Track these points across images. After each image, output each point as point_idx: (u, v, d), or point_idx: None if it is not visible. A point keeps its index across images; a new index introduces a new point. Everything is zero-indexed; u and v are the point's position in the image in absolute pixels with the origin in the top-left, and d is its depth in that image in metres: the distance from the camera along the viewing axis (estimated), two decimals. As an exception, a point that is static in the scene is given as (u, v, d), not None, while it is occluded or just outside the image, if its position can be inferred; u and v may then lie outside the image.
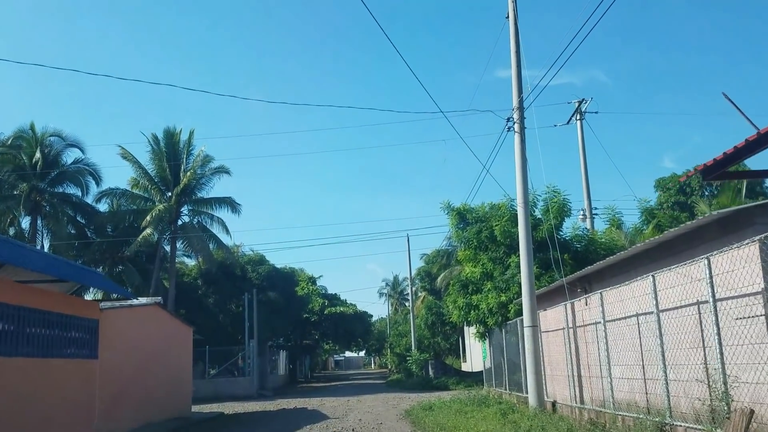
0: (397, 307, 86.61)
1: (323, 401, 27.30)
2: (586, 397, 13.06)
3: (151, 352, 18.40)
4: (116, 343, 15.86)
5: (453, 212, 19.84)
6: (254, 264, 40.66)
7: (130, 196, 35.67)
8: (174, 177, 35.60)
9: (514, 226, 18.46)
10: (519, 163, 14.49)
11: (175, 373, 20.85)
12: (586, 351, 13.14)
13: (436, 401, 20.26)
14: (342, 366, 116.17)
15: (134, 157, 35.29)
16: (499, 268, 18.87)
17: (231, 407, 26.23)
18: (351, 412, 20.93)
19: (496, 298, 18.39)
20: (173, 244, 35.84)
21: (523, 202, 14.36)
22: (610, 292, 11.38)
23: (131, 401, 16.95)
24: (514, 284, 17.82)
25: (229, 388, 34.05)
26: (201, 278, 39.26)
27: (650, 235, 19.44)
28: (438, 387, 33.52)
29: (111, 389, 15.51)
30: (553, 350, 14.98)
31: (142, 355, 17.80)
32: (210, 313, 39.12)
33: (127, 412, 16.60)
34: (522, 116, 14.57)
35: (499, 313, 18.46)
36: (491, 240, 19.07)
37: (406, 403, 23.88)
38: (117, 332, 15.94)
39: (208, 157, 36.56)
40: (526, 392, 16.83)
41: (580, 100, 25.06)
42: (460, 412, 16.03)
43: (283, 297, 40.25)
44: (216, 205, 36.43)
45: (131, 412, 16.93)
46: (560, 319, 14.60)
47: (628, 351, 11.15)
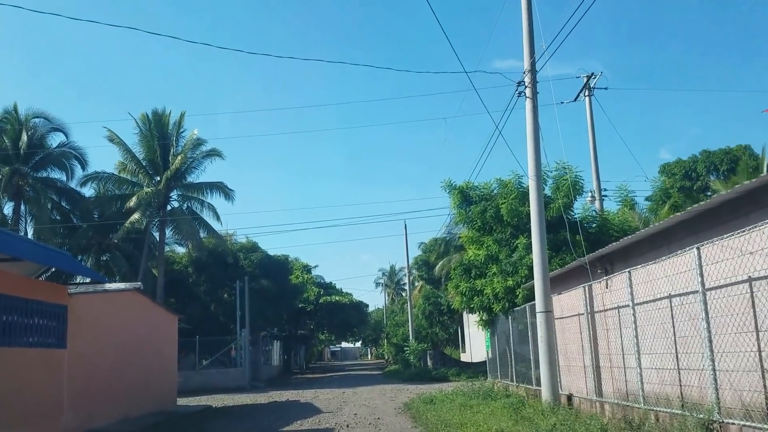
0: (393, 297, 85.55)
1: (317, 393, 26.01)
2: (607, 389, 11.75)
3: (129, 341, 17.03)
4: (88, 331, 14.48)
5: (455, 191, 18.43)
6: (246, 251, 39.24)
7: (116, 180, 34.19)
8: (163, 160, 34.13)
9: (523, 204, 17.12)
10: (531, 132, 13.12)
11: (158, 363, 19.50)
12: (606, 339, 11.82)
13: (437, 394, 18.97)
14: (338, 357, 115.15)
15: (121, 139, 33.85)
16: (506, 250, 17.51)
17: (220, 400, 24.93)
18: (346, 405, 19.63)
19: (502, 283, 17.04)
20: (162, 231, 34.41)
21: (535, 175, 12.99)
22: (638, 271, 10.04)
23: (107, 394, 15.59)
24: (522, 267, 16.48)
25: (220, 379, 32.73)
26: (191, 266, 37.85)
27: (666, 215, 18.13)
28: (437, 378, 32.26)
29: (82, 381, 14.15)
30: (568, 338, 13.67)
31: (119, 344, 16.42)
32: (201, 302, 37.77)
33: (101, 406, 15.24)
34: (534, 79, 13.18)
35: (505, 298, 17.12)
36: (497, 220, 17.69)
37: (404, 396, 22.59)
38: (89, 319, 14.56)
39: (200, 140, 35.13)
40: (536, 384, 15.53)
41: (588, 75, 23.62)
42: (465, 406, 14.72)
43: (276, 285, 38.86)
44: (207, 191, 34.98)
45: (107, 406, 15.57)
46: (576, 305, 13.28)
47: (657, 338, 9.82)
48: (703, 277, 7.89)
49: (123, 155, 34.16)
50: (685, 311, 8.97)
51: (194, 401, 24.58)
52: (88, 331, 14.48)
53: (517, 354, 17.65)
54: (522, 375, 17.19)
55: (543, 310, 12.84)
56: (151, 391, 18.68)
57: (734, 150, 39.37)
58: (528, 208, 16.93)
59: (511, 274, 16.89)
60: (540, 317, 12.88)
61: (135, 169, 34.02)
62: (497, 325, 19.91)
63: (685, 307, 8.99)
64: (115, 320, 16.32)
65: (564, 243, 16.51)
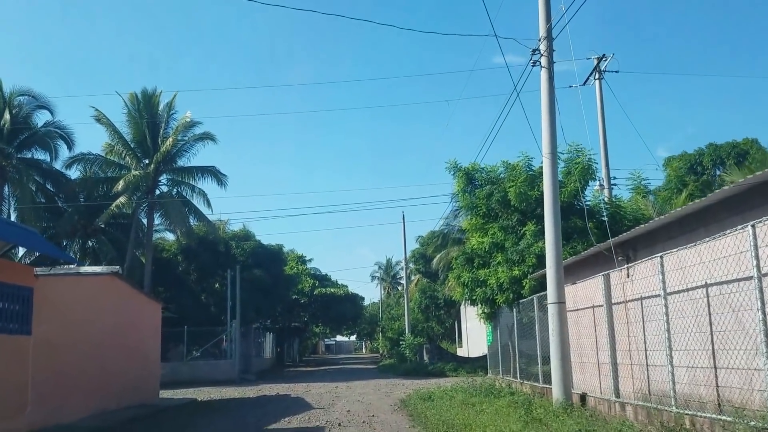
0: (389, 291, 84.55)
1: (309, 387, 24.86)
2: (626, 389, 10.61)
3: (107, 329, 15.81)
4: (58, 317, 13.27)
5: (460, 172, 17.21)
6: (239, 240, 37.97)
7: (103, 162, 32.84)
8: (153, 143, 32.81)
9: (532, 188, 15.96)
10: (546, 105, 11.92)
11: (138, 354, 18.30)
12: (627, 333, 10.67)
13: (435, 390, 17.81)
14: (333, 350, 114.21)
15: (109, 119, 32.49)
16: (512, 238, 16.33)
17: (207, 393, 23.77)
18: (339, 400, 18.48)
19: (507, 273, 15.88)
20: (150, 216, 33.13)
21: (550, 152, 11.80)
22: (669, 257, 8.88)
23: (80, 386, 14.39)
24: (530, 255, 15.30)
25: (209, 371, 31.52)
26: (181, 254, 36.55)
27: (683, 203, 16.99)
28: (434, 373, 31.14)
29: (51, 371, 12.95)
30: (582, 332, 12.53)
31: (94, 332, 15.21)
32: (191, 292, 36.52)
33: (73, 398, 14.05)
34: (550, 47, 11.98)
35: (510, 289, 15.96)
36: (504, 205, 16.50)
37: (400, 391, 21.45)
38: (59, 304, 13.35)
39: (192, 122, 33.77)
40: (543, 382, 14.40)
41: (599, 57, 22.40)
42: (466, 404, 13.56)
43: (269, 276, 37.64)
44: (198, 175, 33.66)
45: (80, 399, 14.37)
46: (591, 296, 12.13)
47: (688, 333, 8.67)
48: (758, 260, 6.72)
49: (110, 136, 32.84)
50: (726, 302, 7.82)
51: (180, 394, 23.42)
52: (58, 317, 13.27)
53: (522, 349, 16.51)
54: (527, 371, 16.05)
55: (555, 301, 11.68)
56: (130, 383, 17.48)
57: (741, 143, 38.36)
58: (537, 192, 15.81)
59: (517, 264, 15.72)
60: (552, 309, 11.72)
61: (123, 151, 32.68)
62: (500, 318, 18.76)
63: (726, 298, 7.84)
64: (90, 306, 15.09)
65: (575, 231, 15.38)
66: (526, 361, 16.14)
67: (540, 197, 15.89)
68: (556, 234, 11.77)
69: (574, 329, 12.62)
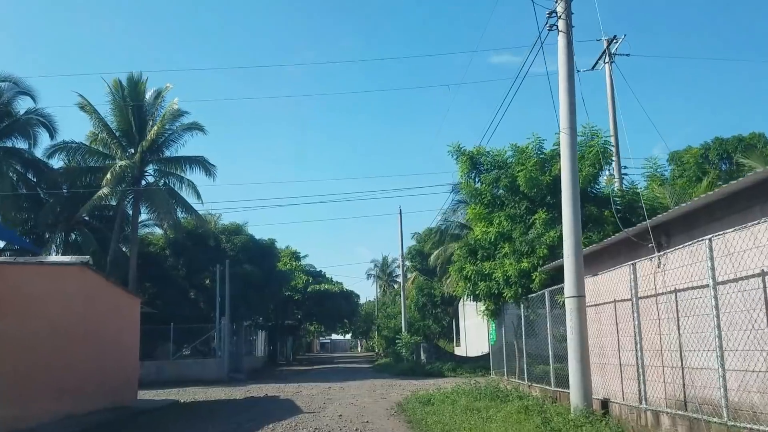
0: (385, 289, 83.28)
1: (300, 388, 23.50)
2: (655, 395, 9.29)
3: (75, 324, 14.36)
4: (17, 310, 11.90)
5: (464, 156, 15.82)
6: (229, 234, 36.52)
7: (86, 151, 31.35)
8: (139, 132, 31.35)
9: (543, 172, 14.60)
10: (564, 74, 10.57)
11: (114, 352, 16.89)
12: (658, 331, 9.34)
13: (434, 392, 16.47)
14: (328, 349, 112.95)
15: (93, 106, 30.96)
16: (520, 227, 14.95)
17: (192, 393, 22.39)
18: (330, 403, 17.11)
19: (515, 265, 14.51)
20: (136, 208, 31.69)
21: (569, 126, 10.44)
22: (717, 240, 7.54)
23: (45, 387, 12.99)
24: (540, 246, 13.94)
25: (197, 370, 30.12)
26: (169, 248, 35.09)
27: (705, 190, 15.67)
28: (431, 373, 29.82)
29: (9, 371, 11.59)
30: (603, 330, 11.21)
31: (61, 327, 13.77)
32: (179, 288, 35.02)
33: (38, 401, 12.65)
34: (569, 9, 10.62)
35: (518, 283, 14.60)
36: (512, 191, 15.13)
37: (396, 393, 20.12)
38: (18, 296, 11.98)
39: (180, 111, 32.31)
40: (556, 385, 13.06)
41: (609, 39, 21.04)
42: (471, 409, 12.21)
43: (261, 271, 36.20)
44: (186, 165, 32.21)
45: (45, 401, 12.96)
46: (613, 289, 10.80)
47: (738, 330, 7.35)
48: None
49: (95, 125, 31.35)
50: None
51: (163, 395, 22.04)
52: (16, 310, 11.90)
53: (530, 349, 15.17)
54: (535, 373, 14.71)
55: (574, 295, 10.33)
56: (105, 383, 16.08)
57: (747, 138, 37.25)
58: (549, 177, 14.48)
59: (526, 255, 14.36)
60: (570, 304, 10.36)
61: (107, 139, 31.22)
62: (505, 314, 17.42)
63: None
64: (56, 298, 13.66)
65: (590, 219, 14.04)
66: (534, 362, 14.81)
67: (552, 183, 14.56)
68: (575, 218, 10.42)
69: (593, 327, 11.27)
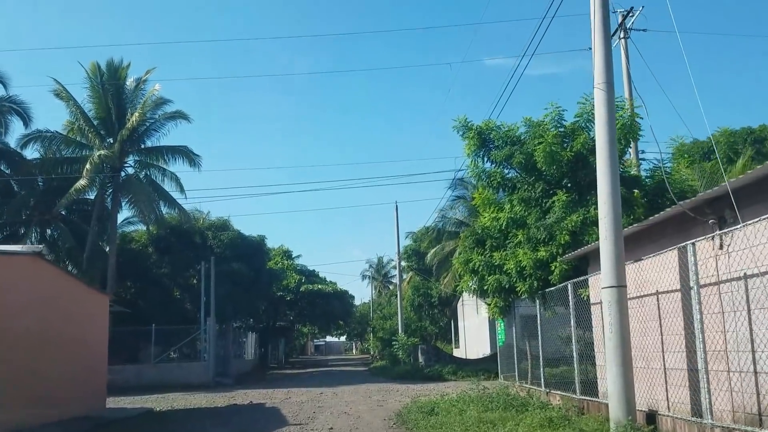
0: (381, 290, 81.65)
1: (290, 394, 21.62)
2: (719, 406, 7.51)
3: (24, 322, 12.48)
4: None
5: (471, 132, 13.95)
6: (216, 230, 34.56)
7: (63, 140, 29.39)
8: (118, 120, 29.40)
9: (564, 147, 12.78)
10: (599, 22, 8.78)
11: (78, 355, 14.96)
12: (721, 328, 7.56)
13: (437, 399, 14.60)
14: (322, 351, 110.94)
15: (69, 93, 29.01)
16: (536, 212, 13.12)
17: (171, 400, 20.50)
18: (321, 412, 15.25)
19: (530, 255, 12.66)
20: (115, 201, 29.71)
21: (605, 81, 8.63)
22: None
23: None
24: (561, 232, 12.11)
25: (180, 374, 28.17)
26: (152, 245, 33.12)
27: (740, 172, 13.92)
28: (431, 377, 27.94)
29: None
30: (646, 328, 9.40)
31: (6, 328, 11.90)
32: (163, 287, 33.12)
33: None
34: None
35: (534, 275, 12.76)
36: (527, 169, 13.29)
37: (394, 399, 18.28)
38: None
39: (162, 99, 30.40)
40: (582, 393, 11.24)
41: (625, 12, 19.29)
42: (484, 422, 10.38)
43: (250, 269, 34.27)
44: (169, 156, 30.28)
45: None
46: (656, 277, 9.00)
47: None
48: None
49: (71, 113, 29.38)
50: None
51: (139, 402, 20.19)
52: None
53: (549, 350, 13.36)
54: (556, 378, 12.90)
55: (613, 285, 8.50)
56: (66, 391, 14.18)
57: (757, 130, 35.64)
58: (571, 152, 12.67)
59: (544, 243, 12.52)
60: (608, 296, 8.53)
61: (85, 128, 29.26)
62: (517, 312, 15.60)
63: None
64: (1, 293, 11.78)
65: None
66: (555, 366, 13.00)
67: (574, 159, 12.78)
68: (613, 190, 8.61)
69: (633, 324, 9.47)
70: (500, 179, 14.20)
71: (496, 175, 14.18)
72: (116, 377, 27.40)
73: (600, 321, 11.49)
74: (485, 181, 14.47)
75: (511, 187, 14.20)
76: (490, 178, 14.27)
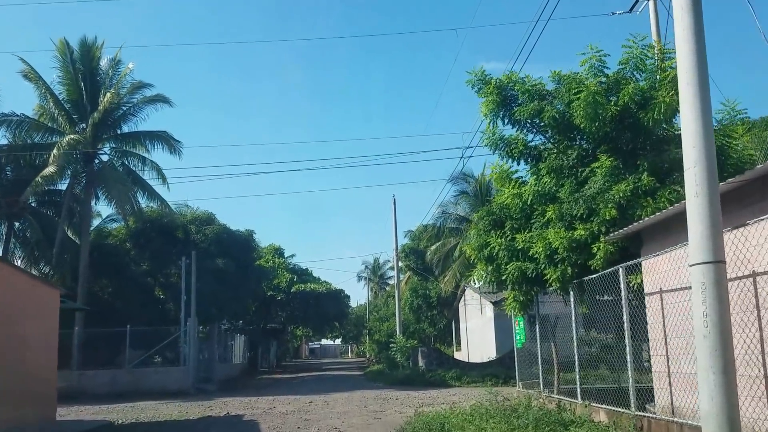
0: (377, 292, 79.43)
1: (275, 403, 19.15)
2: None
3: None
4: None
5: (489, 87, 11.47)
6: (200, 223, 32.02)
7: (31, 125, 26.89)
8: (91, 103, 26.95)
9: (608, 99, 10.38)
10: None
11: (18, 359, 12.49)
12: None
13: (447, 412, 12.14)
14: (317, 354, 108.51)
15: (38, 73, 26.54)
16: (569, 182, 10.71)
17: (140, 410, 17.99)
18: (307, 427, 12.77)
19: (564, 234, 10.22)
20: (88, 191, 27.22)
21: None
22: None
23: None
24: (607, 205, 9.67)
25: (158, 380, 25.63)
26: (131, 240, 30.58)
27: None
28: (433, 383, 25.48)
29: None
30: (739, 321, 7.01)
31: None
32: (142, 286, 30.58)
33: None
34: None
35: (568, 260, 10.32)
36: (561, 129, 10.86)
37: (394, 409, 15.83)
38: None
39: (141, 83, 27.99)
40: (638, 409, 8.84)
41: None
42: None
43: (237, 266, 31.74)
44: (147, 142, 27.83)
45: None
46: (761, 254, 6.63)
47: None
48: None
49: (41, 96, 26.94)
50: None
51: (104, 412, 17.77)
52: None
53: (585, 353, 10.94)
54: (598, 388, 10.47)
55: (708, 260, 6.04)
56: (3, 401, 11.72)
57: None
58: (615, 107, 10.26)
59: (583, 219, 10.09)
60: (701, 275, 6.07)
61: (55, 112, 26.80)
62: (539, 307, 13.17)
63: None
64: None
65: (677, 165, 9.84)
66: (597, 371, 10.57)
67: (619, 115, 10.37)
68: (705, 128, 6.15)
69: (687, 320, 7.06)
70: (522, 147, 11.80)
71: (518, 143, 11.76)
72: (87, 383, 24.95)
73: (658, 314, 9.13)
74: (503, 151, 12.04)
75: (535, 156, 11.80)
76: (510, 147, 11.85)
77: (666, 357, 8.90)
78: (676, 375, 8.69)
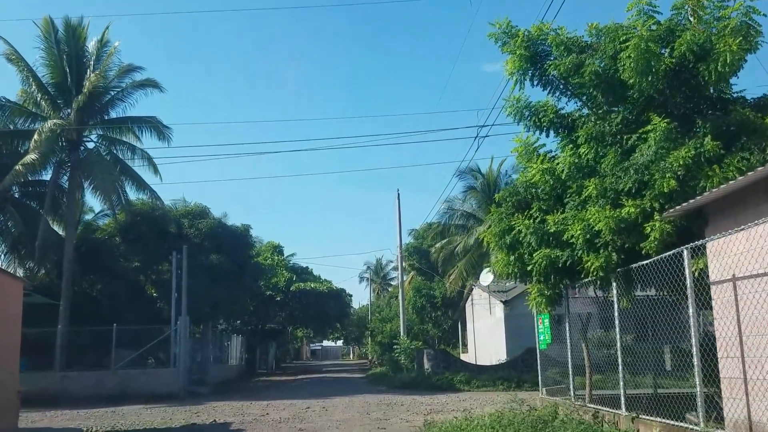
0: (379, 293, 77.93)
1: (269, 408, 17.52)
2: None
3: None
4: None
5: (517, 40, 9.74)
6: (193, 217, 30.31)
7: (12, 109, 25.25)
8: (76, 86, 25.29)
9: (666, 44, 8.68)
10: None
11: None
12: None
13: (461, 422, 10.45)
14: (318, 356, 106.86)
15: (20, 55, 24.89)
16: (613, 151, 9.00)
17: (120, 416, 16.35)
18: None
19: (608, 213, 8.51)
20: (73, 180, 25.53)
21: None
22: None
23: None
24: (662, 175, 7.97)
25: (146, 383, 23.96)
26: (120, 235, 28.92)
27: None
28: (440, 387, 23.75)
29: None
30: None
31: None
32: (132, 283, 28.89)
33: None
34: None
35: (612, 244, 8.61)
36: (606, 87, 9.10)
37: (400, 417, 14.17)
38: None
39: (131, 66, 26.33)
40: (712, 424, 7.14)
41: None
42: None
43: (232, 263, 30.03)
44: (135, 128, 26.18)
45: None
46: None
47: None
48: None
49: (23, 79, 25.28)
50: None
51: (80, 417, 16.20)
52: None
53: (634, 357, 9.23)
54: (654, 399, 8.77)
55: None
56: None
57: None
58: (671, 59, 8.57)
59: (632, 194, 8.39)
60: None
61: (38, 96, 25.17)
62: (570, 302, 11.47)
63: None
64: None
65: (745, 128, 8.17)
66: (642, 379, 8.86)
67: (675, 69, 8.67)
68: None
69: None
70: (552, 115, 10.10)
71: (547, 110, 10.07)
72: (71, 386, 23.25)
73: (730, 307, 7.46)
74: (529, 121, 10.35)
75: (567, 126, 10.10)
76: (538, 115, 10.15)
77: (741, 359, 7.23)
78: (755, 382, 7.02)
